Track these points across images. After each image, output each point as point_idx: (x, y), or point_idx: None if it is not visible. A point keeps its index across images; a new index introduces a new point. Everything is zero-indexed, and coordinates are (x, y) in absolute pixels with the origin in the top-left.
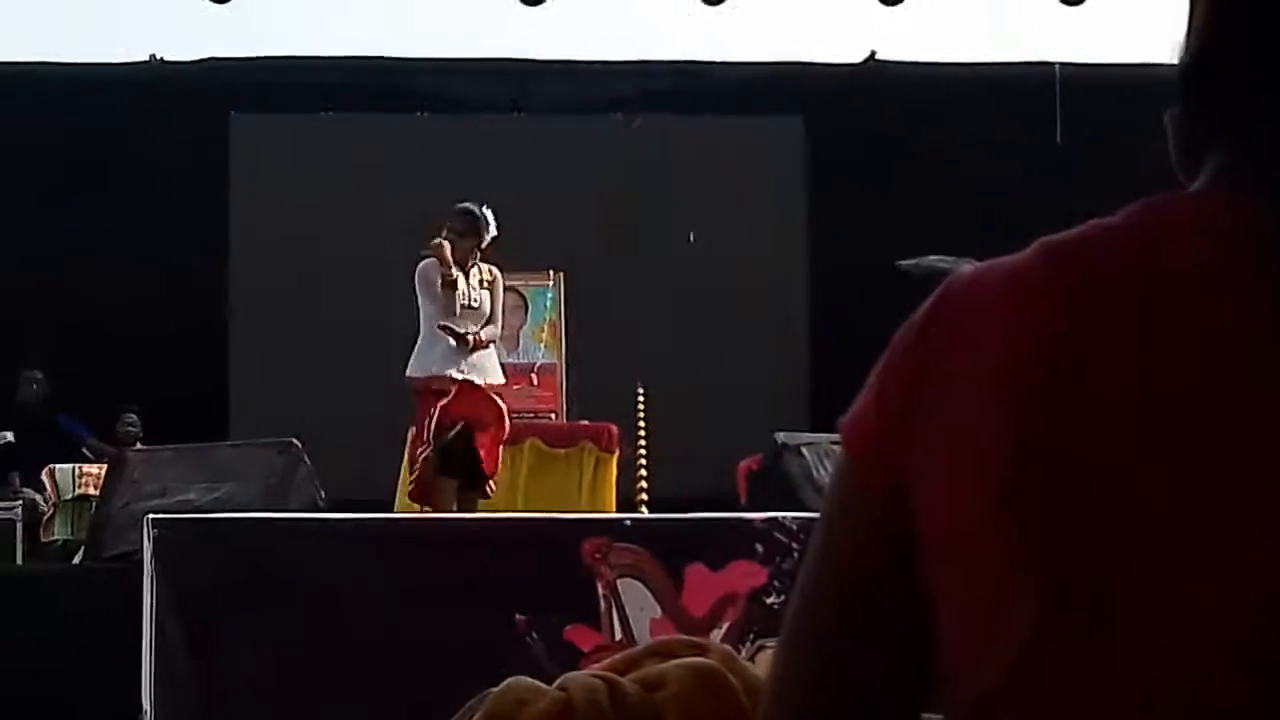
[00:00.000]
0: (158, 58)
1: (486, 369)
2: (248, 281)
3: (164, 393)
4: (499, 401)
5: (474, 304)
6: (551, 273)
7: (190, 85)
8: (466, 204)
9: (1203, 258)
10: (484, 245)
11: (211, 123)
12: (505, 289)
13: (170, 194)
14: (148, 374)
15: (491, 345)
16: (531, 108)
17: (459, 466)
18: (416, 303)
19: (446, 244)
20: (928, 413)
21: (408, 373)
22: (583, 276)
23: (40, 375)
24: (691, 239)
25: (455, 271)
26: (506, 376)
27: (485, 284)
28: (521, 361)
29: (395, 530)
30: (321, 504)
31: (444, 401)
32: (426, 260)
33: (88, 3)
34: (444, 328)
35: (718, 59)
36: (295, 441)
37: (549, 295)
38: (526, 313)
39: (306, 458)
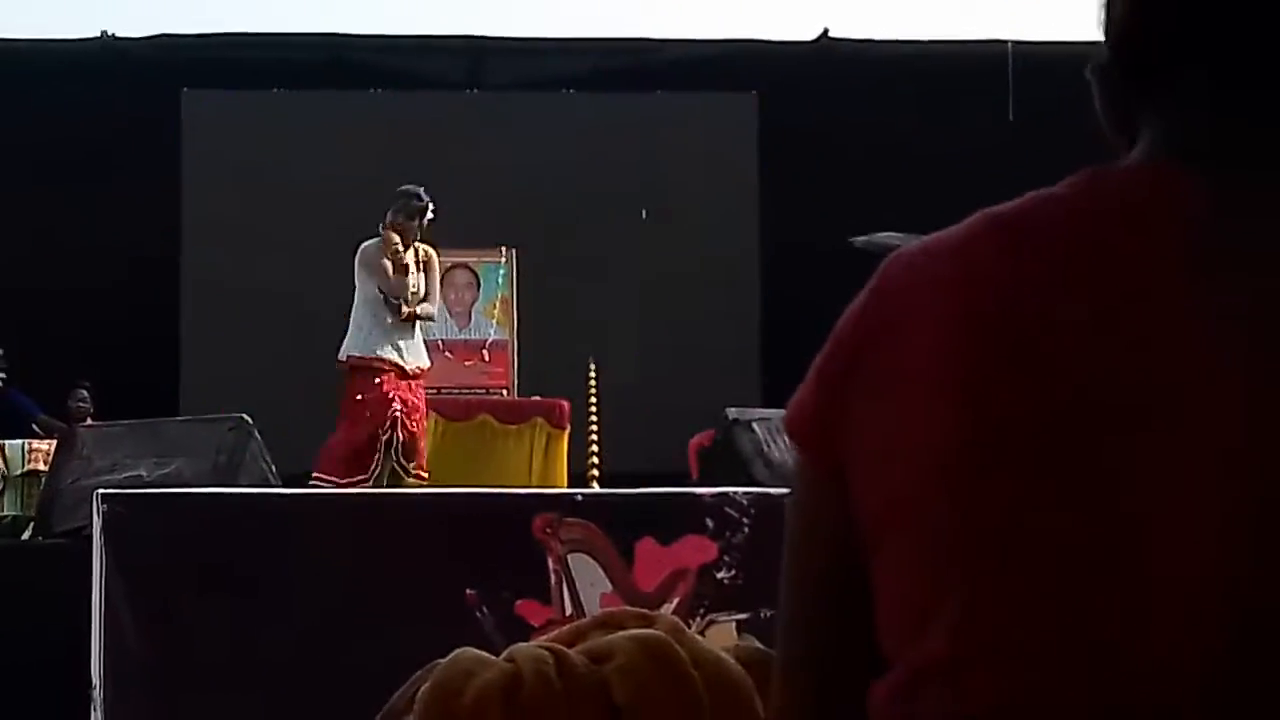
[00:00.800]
0: (109, 34)
1: (419, 352)
2: (200, 258)
3: (116, 369)
4: (421, 387)
5: (415, 288)
6: (504, 249)
7: (142, 62)
8: (409, 186)
9: (1141, 240)
10: (423, 227)
11: (164, 99)
12: (455, 265)
13: (123, 171)
14: (100, 350)
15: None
16: (485, 84)
17: (394, 450)
18: (354, 280)
19: (394, 233)
20: (866, 397)
21: (347, 351)
22: (534, 253)
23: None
24: (644, 215)
25: (405, 255)
26: (457, 353)
27: (421, 264)
28: (473, 338)
29: (346, 505)
30: (273, 480)
31: (382, 383)
32: (370, 241)
33: None
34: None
35: (671, 36)
36: (246, 417)
37: (501, 271)
38: (478, 289)
39: (257, 433)
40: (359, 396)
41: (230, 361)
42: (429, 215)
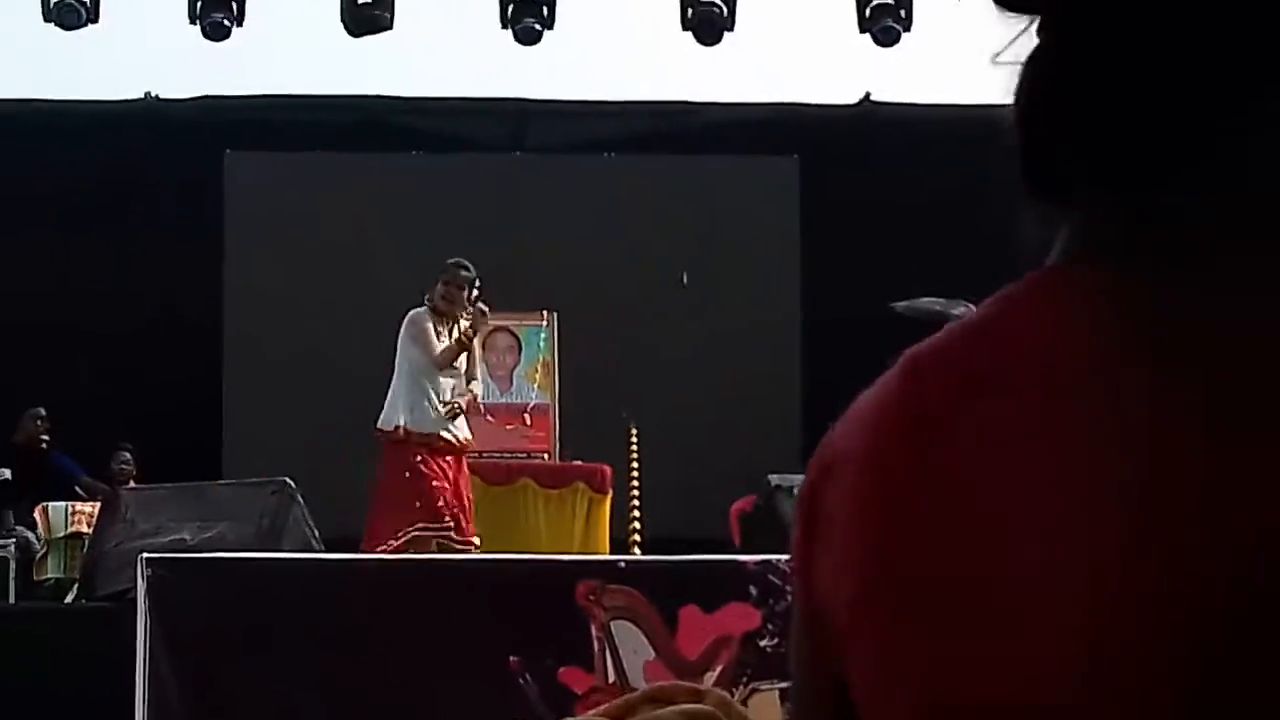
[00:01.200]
0: (153, 95)
1: (464, 424)
2: (242, 320)
3: (158, 431)
4: (466, 459)
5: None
6: (545, 313)
7: (185, 123)
8: (457, 258)
9: (1052, 364)
10: (471, 299)
11: (207, 161)
12: (497, 329)
13: (166, 232)
14: (142, 412)
15: None
16: (527, 147)
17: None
18: (395, 347)
19: (441, 303)
20: (815, 538)
21: (392, 422)
22: (576, 316)
23: (42, 412)
24: (685, 280)
25: (452, 327)
26: (499, 416)
27: (466, 337)
28: (515, 401)
29: (390, 571)
30: (316, 544)
31: (430, 459)
32: (419, 309)
33: (84, 41)
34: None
35: (713, 99)
36: (289, 481)
37: (542, 335)
38: (520, 352)
39: (300, 497)
40: (407, 474)
41: (273, 425)
42: (476, 288)
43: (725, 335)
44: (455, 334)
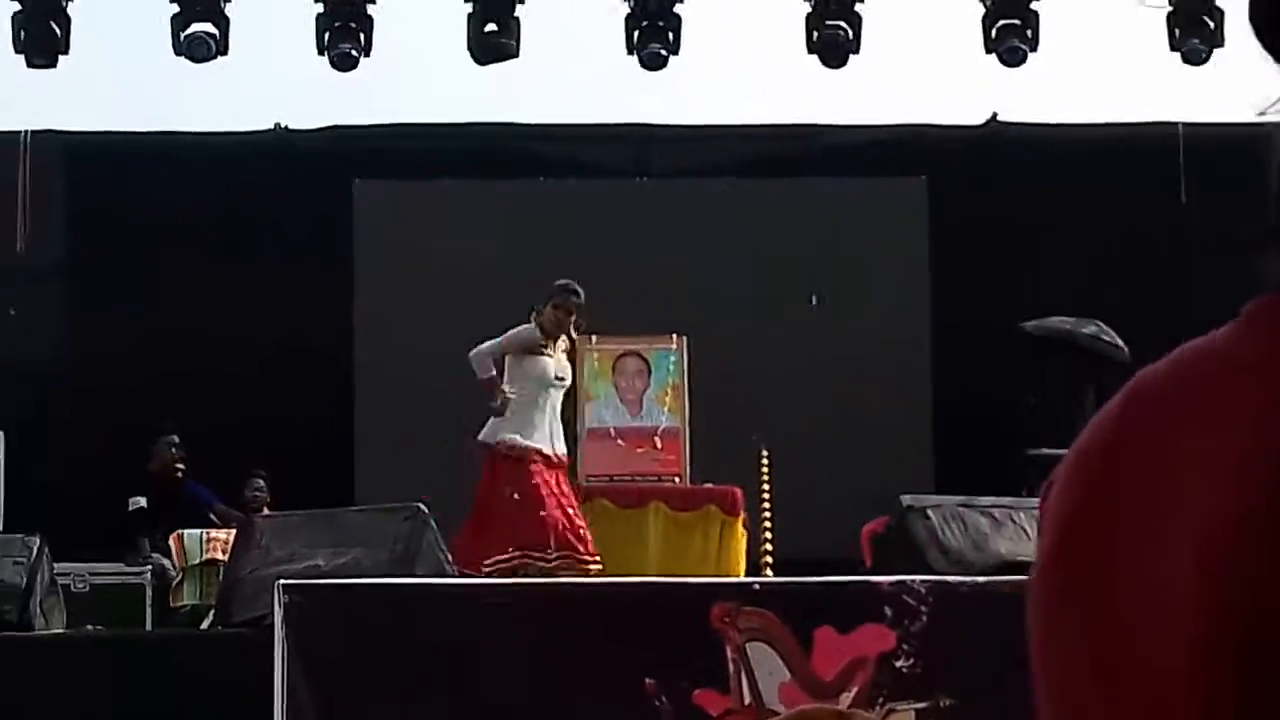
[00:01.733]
0: (282, 126)
1: (562, 439)
2: (373, 347)
3: (291, 459)
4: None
5: (563, 374)
6: (675, 336)
7: (314, 153)
8: (565, 280)
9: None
10: (576, 320)
11: (335, 191)
12: (626, 353)
13: (296, 261)
14: (275, 440)
15: None
16: (652, 172)
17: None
18: (496, 343)
19: (547, 322)
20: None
21: (496, 436)
22: (706, 339)
23: (177, 440)
24: (814, 301)
25: (556, 345)
26: (629, 440)
27: (570, 357)
28: (645, 425)
29: (525, 595)
30: (449, 569)
31: (534, 473)
32: (527, 327)
33: (213, 73)
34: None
35: (839, 122)
36: (422, 506)
37: (672, 358)
38: (650, 376)
39: (433, 522)
40: (511, 492)
41: (404, 450)
42: (579, 309)
43: (855, 356)
44: (560, 355)
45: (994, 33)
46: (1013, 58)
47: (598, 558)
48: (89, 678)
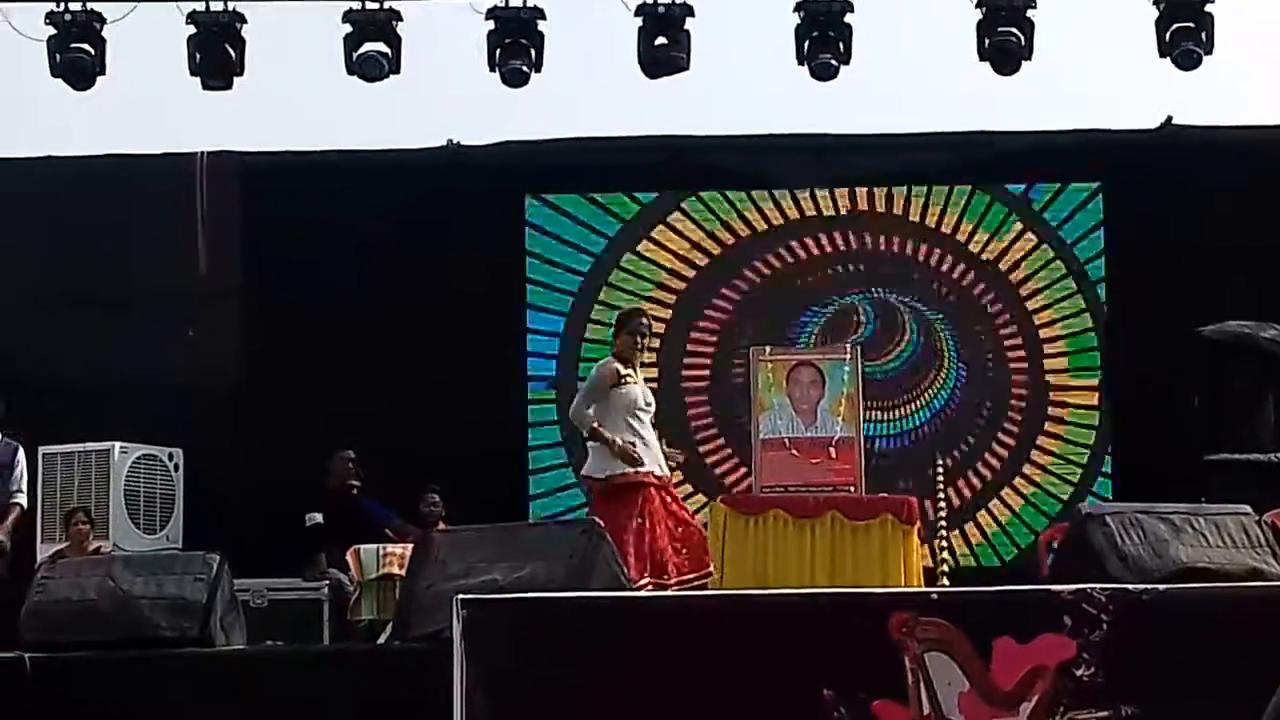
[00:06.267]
0: (455, 143)
1: (662, 459)
2: (544, 361)
3: (465, 472)
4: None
5: (647, 400)
6: (849, 347)
7: (487, 169)
8: (633, 307)
9: None
10: (646, 346)
11: (508, 205)
12: (800, 364)
13: (469, 275)
14: (449, 453)
15: None
16: (826, 181)
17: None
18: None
19: (623, 351)
20: None
21: (605, 470)
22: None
23: (352, 454)
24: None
25: (633, 374)
26: (803, 450)
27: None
28: (820, 435)
29: (701, 607)
30: (624, 582)
31: (650, 498)
32: (605, 360)
33: (386, 92)
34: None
35: (1012, 128)
36: (597, 520)
37: (846, 369)
38: (824, 387)
39: (609, 537)
40: (635, 518)
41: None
42: (650, 334)
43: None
44: (642, 381)
45: (1168, 36)
46: (1187, 61)
47: (710, 569)
48: (268, 693)
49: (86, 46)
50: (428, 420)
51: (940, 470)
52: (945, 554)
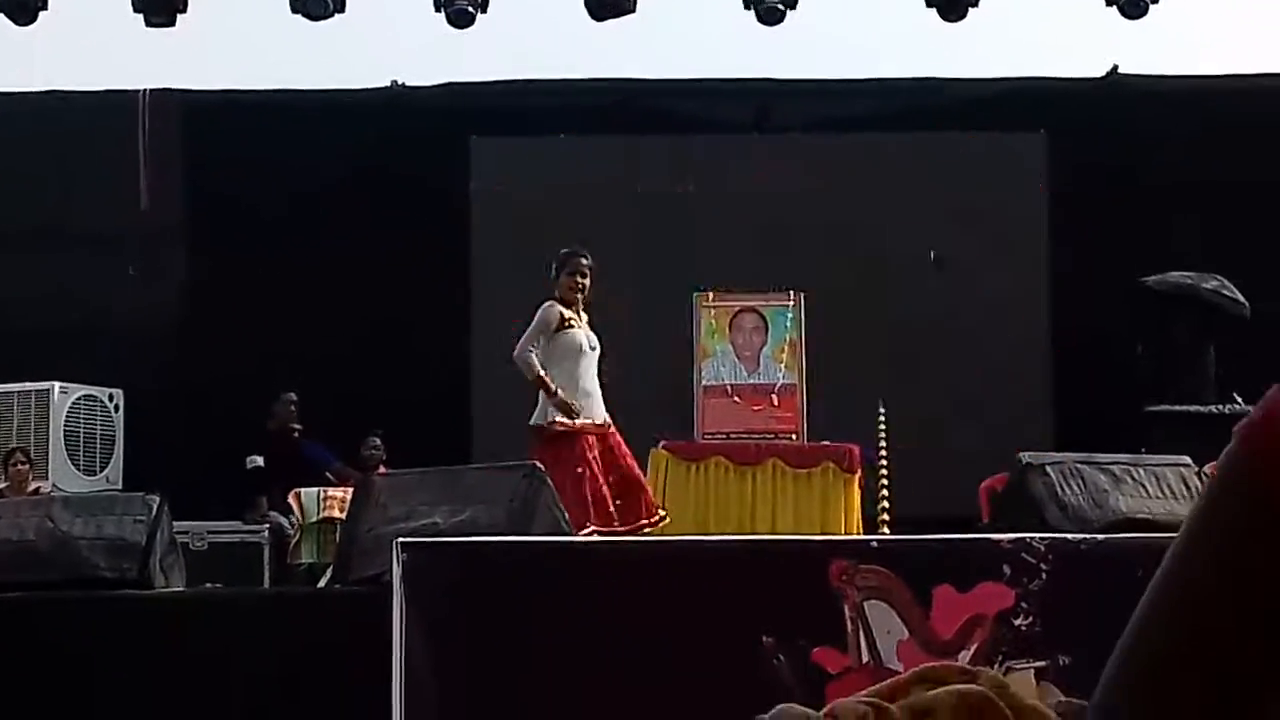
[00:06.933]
0: (399, 83)
1: (602, 406)
2: (489, 305)
3: (407, 417)
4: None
5: (594, 344)
6: (791, 293)
7: (431, 110)
8: (573, 246)
9: None
10: (588, 286)
11: (453, 147)
12: (743, 310)
13: (413, 218)
14: (391, 397)
15: None
16: (770, 127)
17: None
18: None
19: (562, 292)
20: None
21: (550, 417)
22: (822, 296)
23: (294, 398)
24: (932, 257)
25: (575, 315)
26: (746, 397)
27: (591, 323)
28: (762, 382)
29: (641, 553)
30: (565, 527)
31: (587, 446)
32: (547, 304)
33: (330, 30)
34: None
35: (957, 75)
36: (539, 465)
37: (789, 316)
38: (766, 333)
39: (550, 481)
40: (576, 467)
41: (520, 408)
42: (590, 270)
43: (973, 312)
44: (586, 321)
45: None
46: (1134, 10)
47: (661, 513)
48: (208, 635)
49: None
50: (372, 363)
51: (882, 417)
52: (886, 502)
